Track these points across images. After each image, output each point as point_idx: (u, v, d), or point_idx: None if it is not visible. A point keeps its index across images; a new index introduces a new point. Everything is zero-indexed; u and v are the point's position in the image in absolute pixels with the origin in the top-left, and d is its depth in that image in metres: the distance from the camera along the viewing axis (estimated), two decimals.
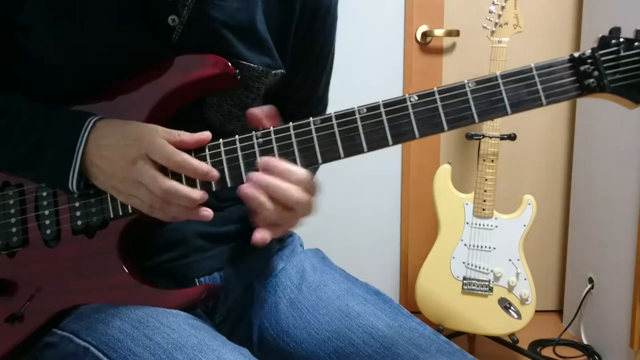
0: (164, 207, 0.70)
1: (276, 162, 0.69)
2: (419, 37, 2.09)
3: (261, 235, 0.69)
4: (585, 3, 2.03)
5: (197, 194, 0.69)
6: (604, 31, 0.67)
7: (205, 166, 0.70)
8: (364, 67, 2.08)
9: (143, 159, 0.69)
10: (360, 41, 2.06)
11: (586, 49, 0.67)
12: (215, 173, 0.70)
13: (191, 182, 0.71)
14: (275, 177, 0.68)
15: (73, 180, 0.72)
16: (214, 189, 0.71)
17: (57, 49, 0.74)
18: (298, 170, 0.69)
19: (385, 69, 2.11)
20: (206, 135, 0.72)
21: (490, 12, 1.74)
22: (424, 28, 2.08)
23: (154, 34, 0.75)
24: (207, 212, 0.71)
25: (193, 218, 0.71)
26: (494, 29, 1.74)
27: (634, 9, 1.70)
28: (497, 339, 1.89)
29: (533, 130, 2.21)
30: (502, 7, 1.72)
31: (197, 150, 0.72)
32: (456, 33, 2.07)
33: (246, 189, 0.68)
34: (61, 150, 0.72)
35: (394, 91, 2.13)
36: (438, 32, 2.08)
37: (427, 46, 2.11)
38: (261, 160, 0.70)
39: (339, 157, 0.70)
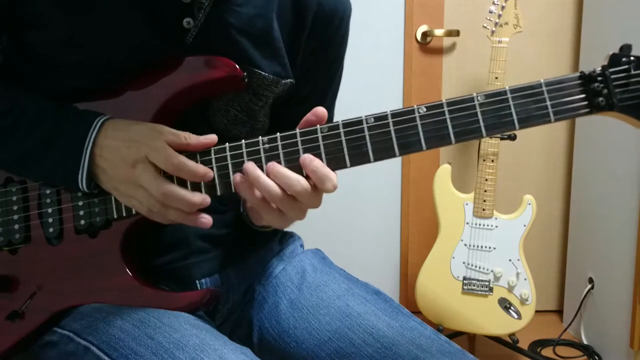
0: (162, 211, 0.69)
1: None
2: (419, 37, 2.09)
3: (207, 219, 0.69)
4: (585, 3, 2.03)
5: (197, 197, 0.68)
6: (604, 32, 0.67)
7: (202, 168, 0.69)
8: (364, 67, 2.07)
9: (143, 161, 0.68)
10: (361, 41, 2.06)
11: (586, 48, 0.67)
12: (211, 174, 0.69)
13: (196, 188, 0.70)
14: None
15: (83, 180, 0.71)
16: (218, 193, 0.70)
17: (68, 46, 0.73)
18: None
19: (385, 69, 2.11)
20: (212, 138, 0.71)
21: (490, 12, 1.73)
22: (424, 28, 2.08)
23: (168, 35, 0.74)
24: (206, 219, 0.70)
25: (191, 224, 0.70)
26: (494, 29, 1.73)
27: (634, 9, 1.70)
28: (497, 339, 1.89)
29: (533, 130, 2.18)
30: (502, 7, 1.72)
31: (202, 154, 0.71)
32: (456, 33, 2.07)
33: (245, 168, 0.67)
34: (68, 150, 0.71)
35: (394, 91, 2.13)
36: (438, 32, 2.08)
37: (427, 46, 2.11)
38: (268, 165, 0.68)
39: (344, 166, 0.68)
